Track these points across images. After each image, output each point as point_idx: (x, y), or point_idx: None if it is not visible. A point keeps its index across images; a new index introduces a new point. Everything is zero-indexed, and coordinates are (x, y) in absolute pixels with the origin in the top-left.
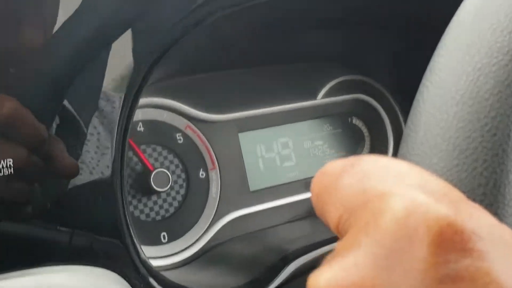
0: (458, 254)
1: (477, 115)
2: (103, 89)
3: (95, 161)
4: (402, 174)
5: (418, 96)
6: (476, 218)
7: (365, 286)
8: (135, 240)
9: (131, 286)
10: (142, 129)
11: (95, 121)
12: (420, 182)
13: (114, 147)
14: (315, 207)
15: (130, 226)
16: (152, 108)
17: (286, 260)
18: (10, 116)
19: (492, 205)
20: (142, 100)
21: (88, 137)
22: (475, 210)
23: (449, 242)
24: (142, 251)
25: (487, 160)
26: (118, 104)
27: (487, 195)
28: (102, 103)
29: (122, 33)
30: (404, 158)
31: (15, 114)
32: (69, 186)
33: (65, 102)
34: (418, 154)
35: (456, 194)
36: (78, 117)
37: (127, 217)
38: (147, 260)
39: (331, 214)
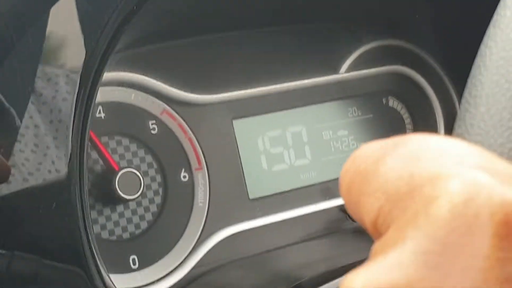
0: None
1: None
2: (40, 65)
3: (32, 163)
4: (460, 155)
5: (478, 60)
6: None
7: None
8: (100, 267)
9: None
10: (102, 114)
11: (31, 109)
12: (481, 164)
13: (70, 142)
14: (345, 201)
15: (94, 247)
16: (116, 86)
17: None
18: None
19: None
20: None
21: (22, 131)
22: None
23: None
24: (112, 281)
25: None
26: (62, 84)
27: None
28: (40, 84)
29: None
30: (462, 138)
31: None
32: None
33: None
34: (479, 134)
35: None
36: (6, 104)
37: (90, 235)
38: None
39: (368, 207)
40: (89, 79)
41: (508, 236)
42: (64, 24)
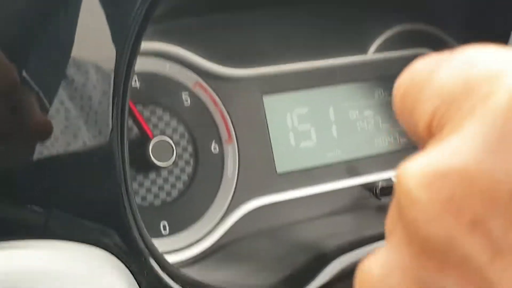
0: None
1: None
2: (73, 54)
3: (61, 143)
4: None
5: None
6: None
7: (470, 171)
8: (141, 230)
9: (134, 276)
10: (138, 84)
11: (62, 94)
12: None
13: (111, 111)
14: (398, 113)
15: (136, 213)
16: (151, 56)
17: (325, 258)
18: None
19: None
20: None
21: (53, 113)
22: None
23: None
24: (152, 242)
25: None
26: (93, 74)
27: None
28: (71, 71)
29: None
30: None
31: None
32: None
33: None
34: None
35: None
36: (36, 87)
37: (131, 199)
38: (157, 250)
39: (423, 111)
40: (128, 49)
41: None
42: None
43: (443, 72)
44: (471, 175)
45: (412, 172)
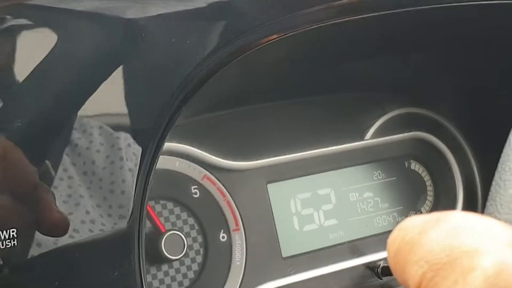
0: None
1: None
2: (79, 114)
3: (77, 237)
4: (494, 233)
5: (508, 149)
6: None
7: None
8: None
9: None
10: None
11: (66, 161)
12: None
13: (131, 205)
14: (392, 267)
15: None
16: (162, 155)
17: None
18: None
19: None
20: None
21: (56, 183)
22: None
23: None
24: None
25: None
26: (97, 136)
27: None
28: (75, 135)
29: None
30: (493, 217)
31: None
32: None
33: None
34: (509, 213)
35: None
36: (43, 156)
37: None
38: None
39: (413, 273)
40: (152, 152)
41: None
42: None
43: (431, 236)
44: None
45: None
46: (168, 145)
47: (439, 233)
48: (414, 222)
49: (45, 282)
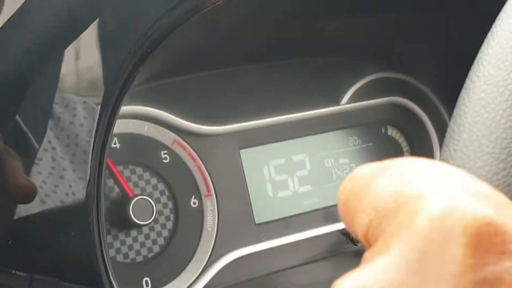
0: (498, 256)
1: None
2: (58, 90)
3: (49, 186)
4: (442, 176)
5: (463, 92)
6: None
7: None
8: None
9: None
10: (117, 145)
11: (49, 134)
12: (461, 185)
13: (89, 167)
14: (342, 217)
15: (109, 270)
16: (130, 118)
17: None
18: None
19: None
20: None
21: (40, 154)
22: None
23: (488, 243)
24: None
25: None
26: (80, 110)
27: None
28: (58, 109)
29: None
30: (446, 163)
31: None
32: (18, 216)
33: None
34: (462, 158)
35: (500, 197)
36: (25, 129)
37: (106, 258)
38: None
39: (360, 221)
40: (108, 113)
41: (478, 246)
42: (84, 59)
43: (379, 184)
44: None
45: None
46: (136, 108)
47: (386, 180)
48: (364, 171)
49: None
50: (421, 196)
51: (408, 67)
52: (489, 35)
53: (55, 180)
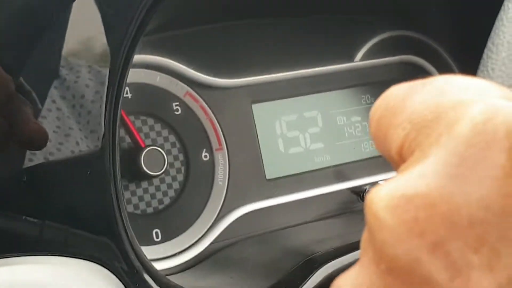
0: None
1: None
2: (64, 54)
3: (53, 144)
4: (482, 88)
5: (502, 14)
6: None
7: (433, 196)
8: (132, 241)
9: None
10: (129, 95)
11: (54, 93)
12: (501, 95)
13: (104, 118)
14: (374, 136)
15: (125, 219)
16: (142, 68)
17: (313, 264)
18: None
19: None
20: None
21: (44, 113)
22: None
23: None
24: (143, 253)
25: None
26: (85, 73)
27: None
28: (63, 71)
29: None
30: None
31: None
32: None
33: (14, 69)
34: (500, 76)
35: None
36: (28, 87)
37: (122, 208)
38: (148, 262)
39: (395, 137)
40: (121, 62)
41: None
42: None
43: (415, 99)
44: (433, 200)
45: (380, 197)
46: (149, 57)
47: (424, 94)
48: (398, 89)
49: (23, 199)
50: (462, 103)
51: (423, 25)
52: None
53: (60, 138)
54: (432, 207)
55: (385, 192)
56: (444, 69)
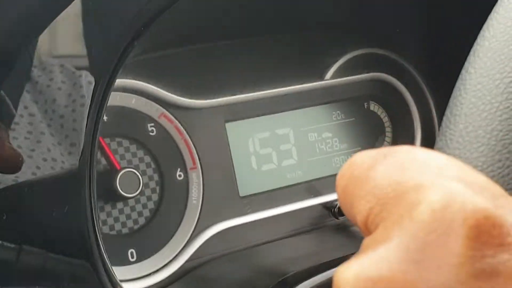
0: (495, 248)
1: None
2: (37, 51)
3: (25, 150)
4: (441, 167)
5: (459, 83)
6: None
7: (395, 281)
8: (106, 261)
9: None
10: (105, 118)
11: (26, 98)
12: (459, 175)
13: (83, 140)
14: (341, 202)
15: (100, 241)
16: (117, 91)
17: (285, 285)
18: None
19: None
20: None
21: (17, 119)
22: None
23: (486, 235)
24: (114, 273)
25: None
26: (57, 73)
27: None
28: (36, 72)
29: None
30: (442, 152)
31: None
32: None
33: None
34: (458, 148)
35: (497, 189)
36: (2, 93)
37: (97, 230)
38: (119, 284)
39: (360, 208)
40: (103, 86)
41: (477, 238)
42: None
43: (378, 172)
44: (396, 285)
45: (347, 279)
46: (124, 81)
47: (386, 168)
48: (363, 157)
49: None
50: (422, 186)
51: (392, 43)
52: (484, 27)
53: (32, 144)
54: None
55: (352, 273)
56: (412, 85)
